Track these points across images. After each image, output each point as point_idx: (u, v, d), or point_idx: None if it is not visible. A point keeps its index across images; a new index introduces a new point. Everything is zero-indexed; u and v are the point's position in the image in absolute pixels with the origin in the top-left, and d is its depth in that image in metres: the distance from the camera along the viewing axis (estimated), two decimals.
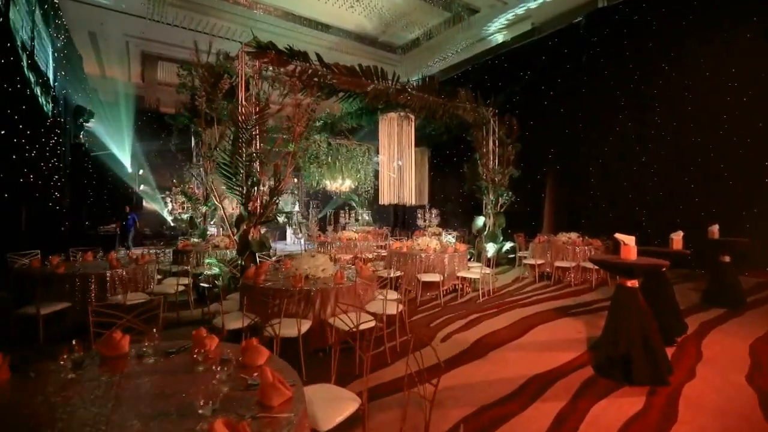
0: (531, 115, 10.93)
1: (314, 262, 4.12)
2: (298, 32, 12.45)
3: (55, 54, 9.92)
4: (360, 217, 13.94)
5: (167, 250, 8.05)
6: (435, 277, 5.89)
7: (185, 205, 15.69)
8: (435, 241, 6.78)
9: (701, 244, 5.92)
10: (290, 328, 3.31)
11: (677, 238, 4.28)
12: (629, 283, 3.12)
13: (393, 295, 4.17)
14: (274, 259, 5.43)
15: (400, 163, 14.22)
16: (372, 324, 3.64)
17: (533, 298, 6.25)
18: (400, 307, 4.12)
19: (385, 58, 14.18)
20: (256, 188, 6.18)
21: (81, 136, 11.27)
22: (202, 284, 6.12)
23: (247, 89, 6.26)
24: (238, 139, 5.86)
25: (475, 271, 6.32)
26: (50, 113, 9.36)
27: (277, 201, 6.73)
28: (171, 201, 14.00)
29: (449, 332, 4.55)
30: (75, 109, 10.88)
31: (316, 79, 6.89)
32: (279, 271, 4.57)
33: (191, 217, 8.99)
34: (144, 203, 15.67)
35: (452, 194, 13.61)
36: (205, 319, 4.93)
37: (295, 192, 17.13)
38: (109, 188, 14.13)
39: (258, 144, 6.29)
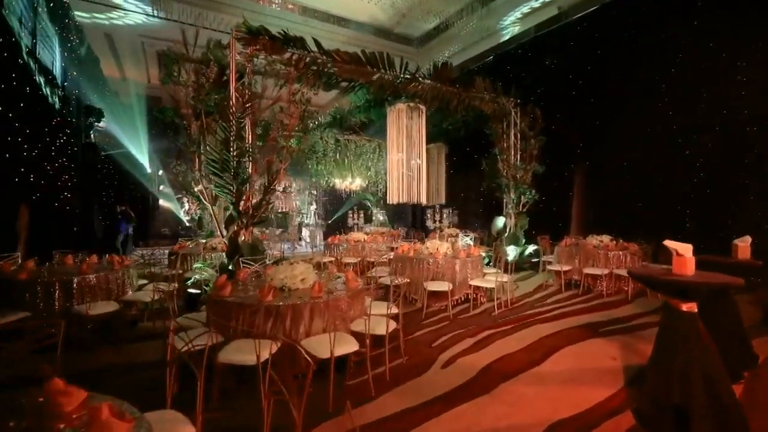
0: (557, 106, 9.99)
1: (292, 271, 3.53)
2: (310, 26, 11.96)
3: (65, 54, 9.84)
4: (374, 218, 13.34)
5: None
6: (443, 286, 5.19)
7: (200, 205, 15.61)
8: (446, 245, 6.07)
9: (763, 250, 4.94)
10: (250, 353, 2.72)
11: (743, 244, 3.41)
12: (685, 307, 2.34)
13: (386, 308, 3.52)
14: (258, 266, 4.88)
15: (418, 161, 13.57)
16: (353, 348, 3.00)
17: (558, 311, 5.43)
18: (393, 325, 3.47)
19: (400, 52, 13.50)
20: (247, 186, 5.67)
21: (92, 136, 11.19)
22: (189, 290, 5.66)
23: (239, 79, 5.77)
24: (226, 132, 5.36)
25: (491, 278, 5.56)
26: (58, 112, 9.26)
27: (272, 201, 6.22)
28: (187, 201, 13.87)
29: (455, 354, 3.85)
30: (85, 108, 10.82)
31: (314, 67, 6.33)
32: (261, 279, 4.02)
33: (200, 218, 8.64)
34: (161, 203, 15.67)
35: (472, 193, 12.77)
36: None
37: (314, 192, 16.70)
38: (129, 188, 14.13)
39: (250, 138, 5.80)
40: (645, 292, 6.19)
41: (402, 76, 7.18)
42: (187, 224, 14.65)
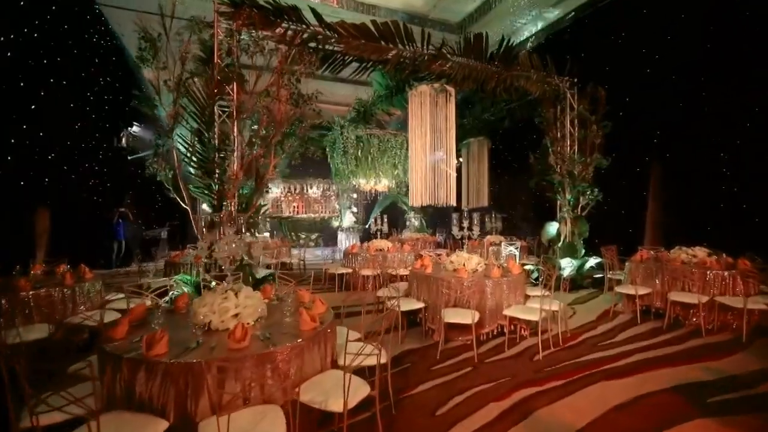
0: (625, 87, 8.10)
1: (223, 303, 2.44)
2: (342, 17, 11.11)
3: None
4: (409, 222, 12.09)
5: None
6: (466, 316, 3.84)
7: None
8: (476, 259, 4.70)
9: None
10: None
11: None
12: None
13: (366, 352, 2.31)
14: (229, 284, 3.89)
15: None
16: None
17: (634, 356, 3.84)
18: (363, 392, 2.25)
19: (438, 41, 12.22)
20: (230, 186, 4.75)
21: (123, 140, 11.15)
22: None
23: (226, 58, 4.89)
24: (197, 120, 4.48)
25: (535, 305, 4.11)
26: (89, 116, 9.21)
27: (265, 203, 5.29)
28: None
29: None
30: (119, 111, 10.79)
31: (313, 44, 5.29)
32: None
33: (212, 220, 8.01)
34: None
35: (520, 194, 11.02)
36: None
37: (353, 195, 15.79)
38: (164, 192, 14.16)
39: (236, 129, 4.89)
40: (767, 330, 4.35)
41: (425, 51, 5.93)
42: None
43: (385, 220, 7.75)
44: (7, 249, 6.92)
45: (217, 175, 4.51)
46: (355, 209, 15.80)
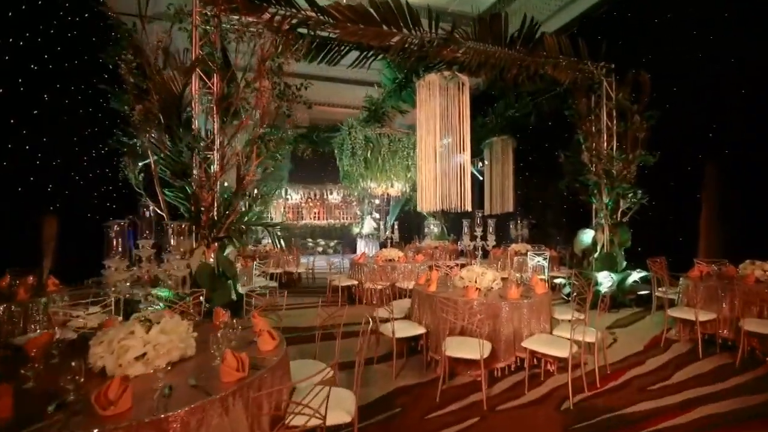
0: (673, 74, 7.00)
1: (125, 340, 1.82)
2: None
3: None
4: (428, 229, 11.29)
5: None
6: (472, 349, 3.05)
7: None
8: (490, 275, 3.89)
9: None
10: None
11: None
12: None
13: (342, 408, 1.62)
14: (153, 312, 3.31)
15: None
16: None
17: (698, 410, 2.90)
18: None
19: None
20: (208, 188, 4.21)
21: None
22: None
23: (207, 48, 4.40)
24: (169, 114, 3.97)
25: (562, 338, 3.26)
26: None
27: (258, 206, 4.75)
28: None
29: None
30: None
31: (304, 30, 4.71)
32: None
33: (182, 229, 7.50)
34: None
35: (551, 198, 9.98)
36: None
37: (376, 201, 15.15)
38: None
39: (216, 126, 4.37)
40: None
41: (434, 36, 5.22)
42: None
43: (396, 227, 7.02)
44: (17, 256, 6.75)
45: (185, 175, 3.98)
46: (377, 215, 15.19)
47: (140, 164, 4.39)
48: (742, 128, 6.38)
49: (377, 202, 14.66)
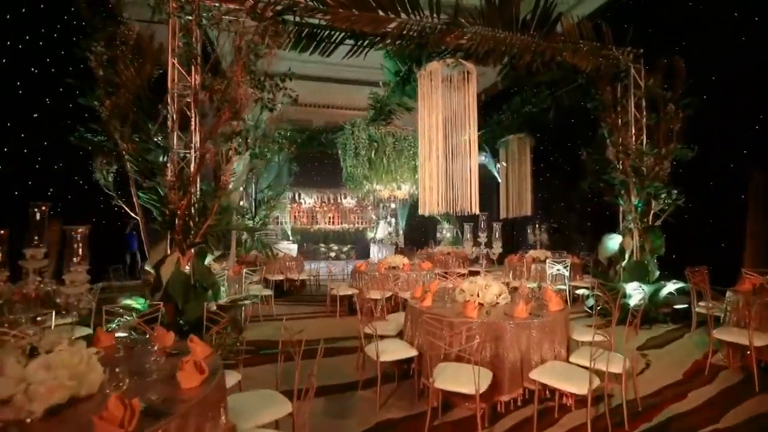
0: (711, 61, 6.21)
1: (36, 375, 1.40)
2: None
3: None
4: (441, 234, 10.69)
5: None
6: (468, 380, 2.50)
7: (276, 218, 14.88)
8: (495, 287, 3.34)
9: None
10: None
11: None
12: None
13: None
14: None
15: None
16: None
17: None
18: None
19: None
20: (182, 190, 3.84)
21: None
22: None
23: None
24: (139, 108, 3.63)
25: (580, 368, 2.68)
26: None
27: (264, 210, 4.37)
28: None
29: None
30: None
31: (290, 16, 4.31)
32: None
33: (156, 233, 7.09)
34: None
35: (573, 200, 9.21)
36: None
37: (393, 206, 14.68)
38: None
39: (194, 122, 4.01)
40: None
41: (436, 21, 4.72)
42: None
43: (401, 232, 6.51)
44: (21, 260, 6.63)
45: (154, 174, 3.62)
46: (392, 220, 14.72)
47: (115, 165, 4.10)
48: None
49: (393, 206, 14.17)
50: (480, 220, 4.57)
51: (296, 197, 15.88)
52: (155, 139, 3.67)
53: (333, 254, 15.49)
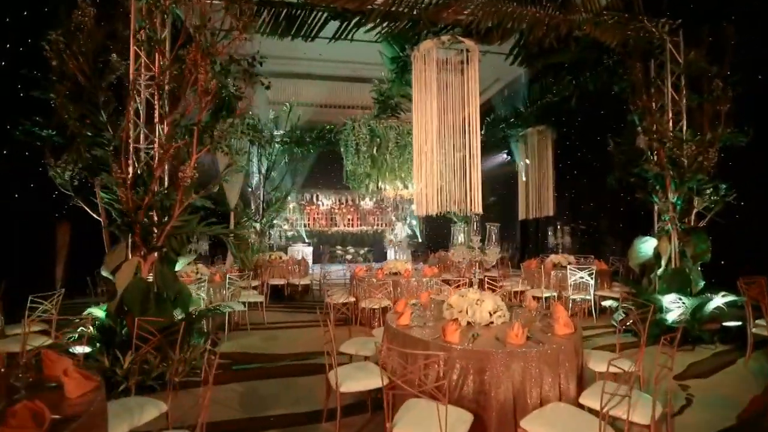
0: (762, 35, 5.23)
1: None
2: None
3: None
4: (453, 236, 10.00)
5: None
6: (436, 429, 1.92)
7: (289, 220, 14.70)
8: (490, 302, 2.72)
9: None
10: None
11: None
12: None
13: None
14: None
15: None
16: None
17: None
18: None
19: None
20: (142, 189, 3.47)
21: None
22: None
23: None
24: (89, 98, 3.28)
25: (588, 420, 2.02)
26: None
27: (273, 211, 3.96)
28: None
29: None
30: None
31: None
32: None
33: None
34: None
35: (601, 198, 8.28)
36: None
37: (407, 206, 14.15)
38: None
39: (157, 113, 3.64)
40: None
41: None
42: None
43: (418, 233, 5.94)
44: (29, 264, 6.60)
45: (113, 168, 3.24)
46: (414, 222, 14.16)
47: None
48: None
49: (413, 206, 13.54)
50: (473, 221, 3.92)
51: (314, 199, 15.62)
52: (104, 133, 3.31)
53: (350, 257, 15.08)
